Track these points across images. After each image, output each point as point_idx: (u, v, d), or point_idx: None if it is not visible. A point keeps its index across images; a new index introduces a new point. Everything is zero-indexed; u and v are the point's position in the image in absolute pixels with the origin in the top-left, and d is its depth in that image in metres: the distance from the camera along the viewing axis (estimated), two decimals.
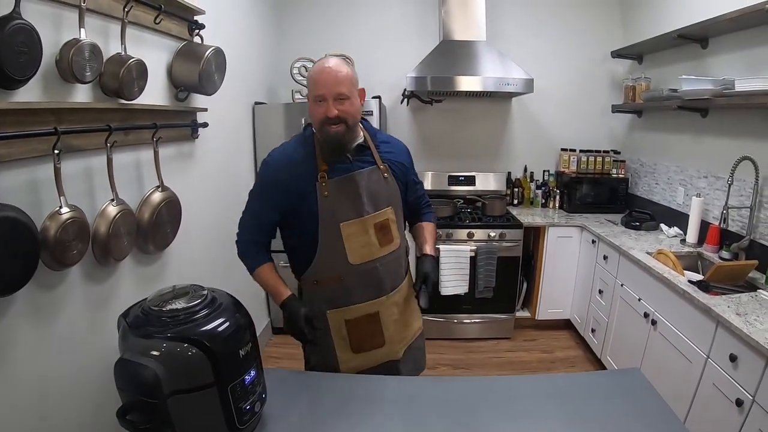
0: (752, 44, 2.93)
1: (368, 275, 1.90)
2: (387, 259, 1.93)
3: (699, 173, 3.52)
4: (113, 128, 1.90)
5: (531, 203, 4.85)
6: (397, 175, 1.99)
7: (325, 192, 1.81)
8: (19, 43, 1.46)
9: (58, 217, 1.66)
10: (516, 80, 3.94)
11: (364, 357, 1.97)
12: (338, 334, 1.94)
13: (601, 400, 1.57)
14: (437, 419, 1.48)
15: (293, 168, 1.84)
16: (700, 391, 2.33)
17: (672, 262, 2.89)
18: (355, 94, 1.80)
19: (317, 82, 1.75)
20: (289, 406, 1.53)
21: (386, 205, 1.92)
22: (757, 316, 2.14)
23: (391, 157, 1.99)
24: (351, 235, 1.84)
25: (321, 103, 1.75)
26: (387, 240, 1.92)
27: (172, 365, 1.17)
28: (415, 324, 2.15)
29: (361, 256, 1.87)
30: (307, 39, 4.61)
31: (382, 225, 1.90)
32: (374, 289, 1.92)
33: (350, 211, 1.84)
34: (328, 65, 1.75)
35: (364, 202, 1.85)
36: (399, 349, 2.04)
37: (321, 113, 1.75)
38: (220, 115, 3.09)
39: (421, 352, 2.21)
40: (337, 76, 1.73)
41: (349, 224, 1.84)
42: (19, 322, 1.61)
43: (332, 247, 1.85)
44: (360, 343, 1.95)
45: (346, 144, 1.83)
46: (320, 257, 1.87)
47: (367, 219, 1.86)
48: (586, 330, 3.93)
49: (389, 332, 1.98)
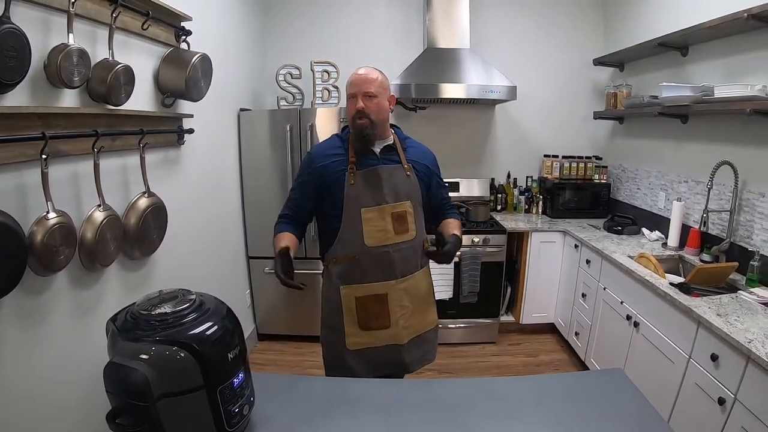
0: (731, 52, 3.00)
1: (381, 258, 2.10)
2: (400, 246, 2.13)
3: (680, 178, 3.58)
4: (100, 133, 1.90)
5: (514, 209, 4.88)
6: (420, 175, 2.21)
7: (352, 181, 2.07)
8: (8, 48, 1.47)
9: (45, 222, 1.66)
10: (499, 87, 3.99)
11: (370, 335, 2.15)
12: (348, 309, 2.14)
13: (585, 401, 1.59)
14: (422, 421, 1.49)
15: (329, 158, 2.13)
16: (682, 391, 2.36)
17: (653, 265, 2.94)
18: (383, 96, 2.10)
19: (351, 83, 2.08)
20: (277, 410, 1.53)
21: (406, 198, 2.14)
22: (737, 317, 2.19)
23: (416, 159, 2.23)
24: (369, 220, 2.08)
25: (352, 100, 2.06)
26: (403, 229, 2.13)
27: (162, 368, 1.17)
28: (428, 317, 2.31)
29: (377, 240, 2.09)
30: (292, 46, 4.64)
31: (399, 215, 2.12)
32: (385, 272, 2.12)
33: (371, 199, 2.08)
34: (361, 71, 2.09)
35: (385, 193, 2.09)
36: (404, 335, 2.19)
37: (352, 108, 2.05)
38: (205, 121, 3.10)
39: (432, 345, 2.35)
40: (366, 77, 2.06)
41: (369, 210, 2.08)
42: (5, 328, 1.60)
43: (352, 229, 2.08)
44: (367, 321, 2.14)
45: (370, 136, 2.08)
46: (341, 237, 2.11)
47: (385, 207, 2.09)
48: (570, 333, 3.96)
49: (395, 316, 2.15)
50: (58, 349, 1.85)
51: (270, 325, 4.31)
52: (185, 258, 2.89)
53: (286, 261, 1.95)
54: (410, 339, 2.21)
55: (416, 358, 2.26)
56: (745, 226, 2.91)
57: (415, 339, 2.23)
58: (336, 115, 3.90)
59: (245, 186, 4.01)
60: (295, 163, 3.85)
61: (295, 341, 4.24)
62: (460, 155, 4.89)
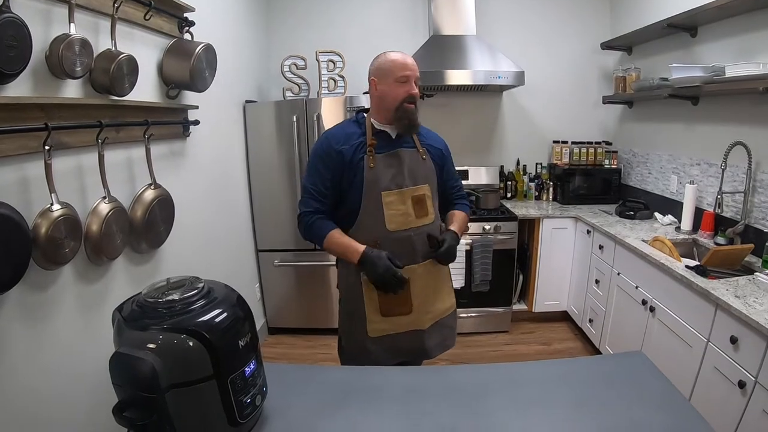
0: (741, 31, 2.94)
1: (403, 243, 2.05)
2: (421, 230, 2.09)
3: (692, 161, 3.53)
4: (104, 124, 1.87)
5: (524, 196, 4.84)
6: (435, 159, 2.20)
7: (372, 164, 2.02)
8: (8, 37, 1.45)
9: (49, 214, 1.64)
10: (506, 73, 3.94)
11: (391, 322, 2.11)
12: (369, 297, 2.08)
13: (606, 384, 1.55)
14: (440, 408, 1.45)
15: (348, 140, 2.06)
16: (701, 375, 2.32)
17: (668, 249, 2.89)
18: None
19: (405, 65, 2.01)
20: (291, 401, 1.50)
21: (423, 182, 2.11)
22: (756, 298, 2.14)
23: (429, 143, 2.21)
24: (390, 204, 2.03)
25: (404, 84, 2.00)
26: (422, 213, 2.09)
27: (170, 357, 1.13)
28: (447, 301, 2.27)
29: (398, 224, 2.04)
30: (296, 36, 4.60)
31: (419, 198, 2.08)
32: (407, 256, 2.06)
33: (391, 183, 2.04)
34: (406, 57, 2.03)
35: (405, 176, 2.06)
36: (426, 321, 2.16)
37: (404, 92, 2.00)
38: (211, 113, 3.07)
39: (451, 330, 2.31)
40: (414, 64, 2.02)
41: (390, 194, 2.03)
42: (10, 323, 1.58)
43: (372, 214, 2.03)
44: (388, 308, 2.09)
45: (416, 120, 2.06)
46: (360, 221, 2.05)
47: (405, 191, 2.05)
48: (584, 321, 3.92)
49: (418, 301, 2.11)
50: (64, 345, 1.83)
51: (280, 318, 4.29)
52: (193, 251, 2.87)
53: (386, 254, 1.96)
54: (431, 324, 2.18)
55: (437, 344, 2.22)
56: (760, 207, 2.86)
57: (435, 324, 2.20)
58: (342, 105, 3.86)
59: (253, 178, 3.99)
60: (303, 154, 3.83)
61: (307, 334, 4.22)
62: (468, 143, 4.84)
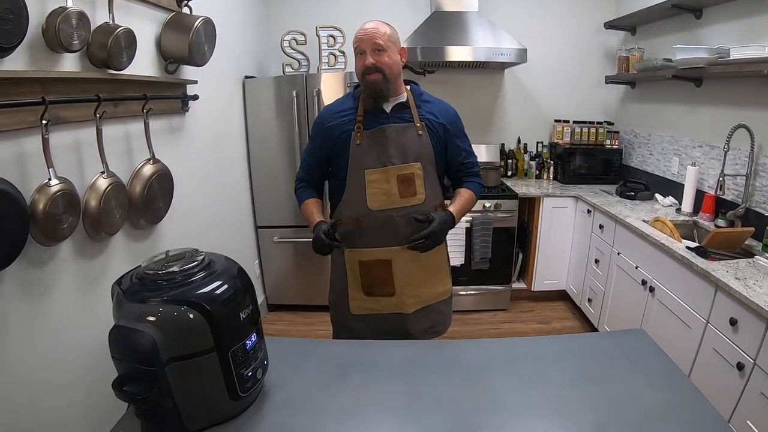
0: (746, 13, 2.91)
1: (384, 222, 2.01)
2: (406, 210, 2.01)
3: (693, 143, 3.51)
4: (102, 98, 1.85)
5: (525, 174, 4.83)
6: (434, 133, 2.08)
7: (358, 141, 1.99)
8: (4, 10, 1.42)
9: (47, 189, 1.62)
10: (508, 50, 3.90)
11: (374, 301, 2.10)
12: (352, 274, 2.09)
13: (607, 360, 1.56)
14: (442, 382, 1.46)
15: (338, 117, 2.05)
16: (700, 357, 2.34)
17: (669, 230, 2.88)
18: (393, 50, 1.95)
19: (358, 38, 1.93)
20: (292, 374, 1.49)
21: (414, 159, 2.02)
22: (756, 281, 2.14)
23: (431, 117, 2.09)
24: (373, 182, 1.99)
25: (361, 55, 1.93)
26: (409, 192, 2.01)
27: (170, 330, 1.12)
28: (440, 286, 2.20)
29: (380, 203, 2.00)
30: (296, 12, 4.54)
31: (405, 177, 2.00)
32: (389, 237, 2.02)
33: (376, 161, 1.99)
34: (368, 25, 1.93)
35: (391, 153, 1.99)
36: (409, 304, 2.11)
37: (361, 64, 1.93)
38: (210, 88, 3.03)
39: (443, 316, 2.26)
40: (375, 31, 1.90)
41: (373, 172, 1.99)
42: (9, 300, 1.58)
43: (356, 191, 2.01)
44: (370, 287, 2.08)
45: (383, 92, 1.97)
46: (346, 198, 2.05)
47: (390, 169, 1.98)
48: (583, 300, 3.93)
49: (401, 284, 2.07)
50: (63, 321, 1.83)
51: (280, 295, 4.30)
52: (192, 227, 2.86)
53: (324, 227, 1.94)
54: (417, 309, 2.13)
55: (422, 329, 2.16)
56: (762, 191, 2.85)
57: (422, 310, 2.15)
58: (342, 80, 3.83)
59: (252, 154, 3.96)
60: (303, 130, 3.82)
61: (306, 311, 4.24)
62: (469, 120, 4.66)
